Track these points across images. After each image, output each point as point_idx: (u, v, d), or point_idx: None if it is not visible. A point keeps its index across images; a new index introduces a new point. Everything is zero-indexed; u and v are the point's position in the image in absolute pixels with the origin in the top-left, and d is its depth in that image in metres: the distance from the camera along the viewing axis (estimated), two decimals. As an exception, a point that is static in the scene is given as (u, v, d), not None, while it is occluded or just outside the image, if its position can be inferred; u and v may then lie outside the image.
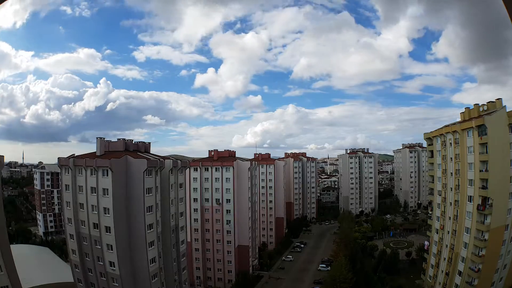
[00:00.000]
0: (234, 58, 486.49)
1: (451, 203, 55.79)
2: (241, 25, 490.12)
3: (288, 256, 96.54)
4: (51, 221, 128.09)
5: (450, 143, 56.00)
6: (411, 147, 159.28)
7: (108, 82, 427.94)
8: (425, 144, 77.09)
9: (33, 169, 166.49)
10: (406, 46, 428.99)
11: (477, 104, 54.89)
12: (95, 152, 52.49)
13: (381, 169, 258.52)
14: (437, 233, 60.69)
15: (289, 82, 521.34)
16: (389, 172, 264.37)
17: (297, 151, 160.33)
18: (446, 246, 56.61)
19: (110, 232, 46.26)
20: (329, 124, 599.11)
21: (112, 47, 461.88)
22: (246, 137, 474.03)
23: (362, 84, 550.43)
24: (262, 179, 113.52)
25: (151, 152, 59.52)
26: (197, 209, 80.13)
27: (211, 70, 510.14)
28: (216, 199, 79.81)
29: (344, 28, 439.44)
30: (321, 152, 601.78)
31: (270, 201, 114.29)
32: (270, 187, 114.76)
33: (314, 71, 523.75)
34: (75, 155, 51.11)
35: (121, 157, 47.88)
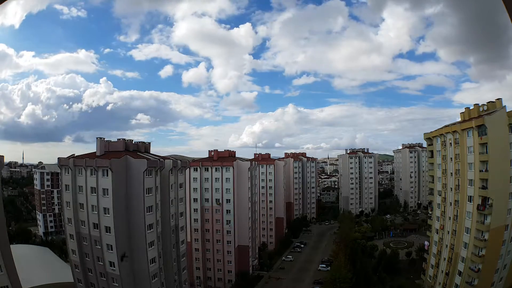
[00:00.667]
0: (233, 58, 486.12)
1: (451, 203, 55.82)
2: (236, 25, 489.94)
3: (288, 256, 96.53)
4: (51, 221, 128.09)
5: (450, 143, 56.03)
6: (411, 147, 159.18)
7: (109, 82, 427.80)
8: (425, 144, 77.11)
9: (33, 169, 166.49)
10: (405, 45, 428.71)
11: (477, 104, 54.95)
12: (95, 152, 52.53)
13: (381, 169, 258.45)
14: (437, 233, 60.71)
15: (289, 82, 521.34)
16: (389, 172, 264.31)
17: (294, 151, 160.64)
18: (446, 246, 56.63)
19: (110, 232, 46.27)
20: (328, 124, 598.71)
21: (109, 47, 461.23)
22: (244, 137, 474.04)
23: (362, 84, 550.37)
24: (262, 179, 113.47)
25: (151, 152, 59.56)
26: (197, 209, 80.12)
27: (210, 70, 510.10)
28: (216, 199, 79.82)
29: (342, 27, 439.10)
30: (317, 152, 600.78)
31: (270, 201, 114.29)
32: (270, 187, 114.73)
33: (313, 70, 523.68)
34: (75, 155, 51.16)
35: (121, 157, 47.91)
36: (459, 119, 58.74)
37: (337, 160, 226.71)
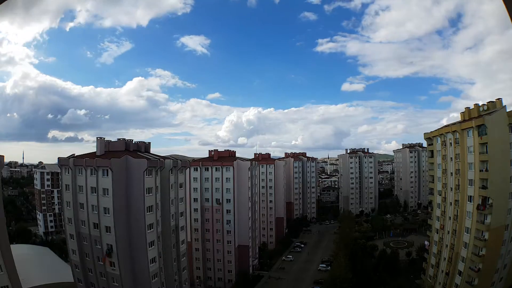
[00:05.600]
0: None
1: (451, 203, 55.77)
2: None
3: (288, 256, 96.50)
4: (51, 221, 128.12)
5: (450, 143, 55.98)
6: (411, 147, 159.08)
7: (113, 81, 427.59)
8: (425, 144, 77.02)
9: (33, 169, 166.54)
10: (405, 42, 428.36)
11: (477, 104, 54.90)
12: (95, 152, 52.50)
13: (381, 169, 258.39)
14: (437, 233, 60.67)
15: (288, 81, 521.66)
16: (389, 172, 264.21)
17: (297, 150, 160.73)
18: (446, 246, 56.60)
19: (110, 232, 46.30)
20: (326, 123, 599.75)
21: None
22: (240, 136, 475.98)
23: (361, 83, 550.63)
24: (262, 179, 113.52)
25: (151, 152, 59.51)
26: (197, 209, 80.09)
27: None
28: (216, 199, 79.78)
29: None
30: (316, 152, 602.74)
31: (270, 201, 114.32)
32: (270, 187, 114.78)
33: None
34: (75, 155, 51.14)
35: (121, 157, 47.87)
36: (459, 119, 58.70)
37: (337, 160, 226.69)
